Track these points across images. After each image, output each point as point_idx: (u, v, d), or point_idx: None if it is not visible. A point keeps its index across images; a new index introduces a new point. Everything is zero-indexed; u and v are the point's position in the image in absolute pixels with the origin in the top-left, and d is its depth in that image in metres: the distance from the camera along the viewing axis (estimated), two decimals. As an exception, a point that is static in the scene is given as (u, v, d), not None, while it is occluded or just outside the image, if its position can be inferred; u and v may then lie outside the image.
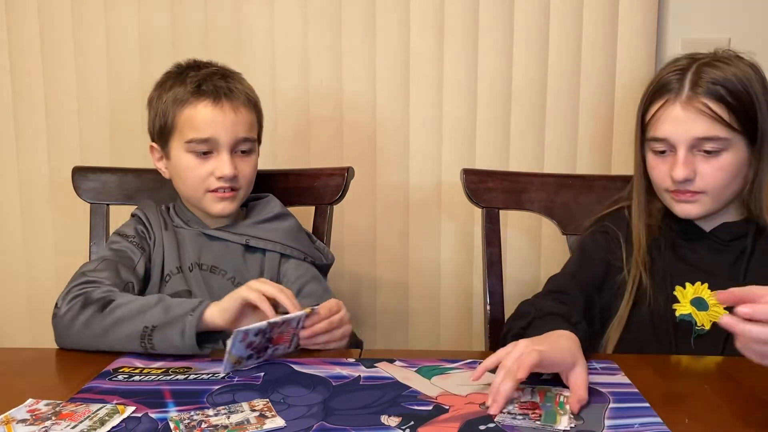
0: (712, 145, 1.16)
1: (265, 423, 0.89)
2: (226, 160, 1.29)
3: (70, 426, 0.88)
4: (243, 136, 1.31)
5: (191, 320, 1.07)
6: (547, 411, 0.91)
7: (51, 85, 1.78)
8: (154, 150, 1.37)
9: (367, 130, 1.76)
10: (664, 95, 1.19)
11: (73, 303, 1.14)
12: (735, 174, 1.19)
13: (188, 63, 1.36)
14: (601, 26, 1.70)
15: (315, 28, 1.73)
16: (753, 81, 1.17)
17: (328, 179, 1.48)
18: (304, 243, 1.39)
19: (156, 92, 1.35)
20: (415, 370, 1.06)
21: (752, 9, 1.71)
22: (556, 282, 1.25)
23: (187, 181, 1.31)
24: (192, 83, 1.30)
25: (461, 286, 1.81)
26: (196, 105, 1.28)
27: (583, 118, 1.74)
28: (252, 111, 1.34)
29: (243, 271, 1.34)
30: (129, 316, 1.10)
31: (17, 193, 1.83)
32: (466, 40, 1.72)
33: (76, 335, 1.12)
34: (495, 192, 1.47)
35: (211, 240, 1.35)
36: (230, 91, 1.30)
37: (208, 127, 1.28)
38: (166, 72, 1.36)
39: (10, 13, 1.76)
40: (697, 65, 1.18)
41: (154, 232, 1.34)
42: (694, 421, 0.90)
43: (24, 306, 1.85)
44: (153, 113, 1.34)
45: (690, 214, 1.22)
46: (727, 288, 1.19)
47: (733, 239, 1.23)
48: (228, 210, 1.32)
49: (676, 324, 1.21)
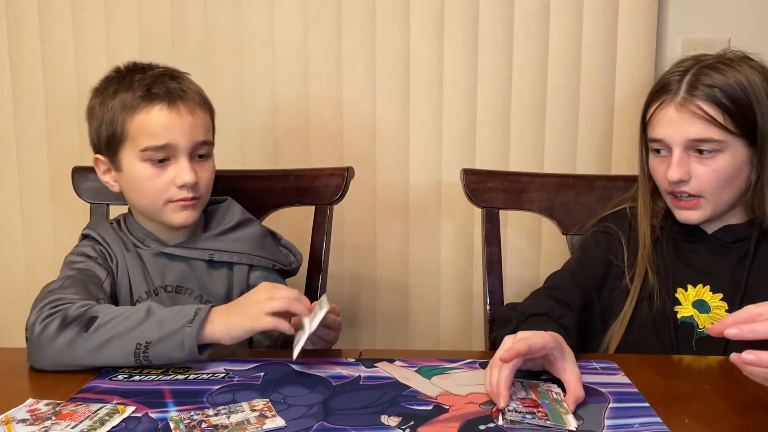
0: (706, 147, 1.16)
1: (265, 423, 0.89)
2: (186, 167, 1.20)
3: (70, 426, 0.88)
4: (201, 139, 1.23)
5: (190, 331, 1.02)
6: (550, 409, 0.91)
7: (51, 85, 1.78)
8: (100, 162, 1.27)
9: (367, 130, 1.76)
10: (662, 96, 1.19)
11: (47, 321, 1.06)
12: (732, 176, 1.18)
13: (128, 66, 1.27)
14: (601, 26, 1.70)
15: (315, 29, 1.73)
16: (756, 85, 1.16)
17: (328, 179, 1.48)
18: (270, 249, 1.33)
19: (97, 100, 1.25)
20: (415, 370, 1.06)
21: (752, 9, 1.71)
22: (554, 279, 1.26)
23: (144, 192, 1.22)
24: (141, 87, 1.20)
25: (461, 286, 1.81)
26: (149, 110, 1.19)
27: (583, 118, 1.74)
28: (206, 112, 1.27)
29: (209, 287, 1.28)
30: (118, 334, 1.03)
31: (17, 193, 1.83)
32: (466, 40, 1.72)
33: (55, 356, 1.05)
34: (495, 192, 1.47)
35: (172, 259, 1.27)
36: (183, 92, 1.22)
37: (164, 132, 1.19)
38: (105, 78, 1.28)
39: (10, 13, 1.76)
40: (698, 67, 1.18)
41: (116, 254, 1.26)
42: (694, 421, 0.90)
43: (24, 306, 1.83)
44: (96, 123, 1.24)
45: (691, 220, 1.22)
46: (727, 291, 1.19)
47: (735, 241, 1.23)
48: (190, 219, 1.24)
49: (678, 326, 1.21)
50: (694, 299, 1.22)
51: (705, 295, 1.21)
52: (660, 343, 1.20)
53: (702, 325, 1.20)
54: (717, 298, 1.20)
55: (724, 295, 1.20)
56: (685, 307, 1.21)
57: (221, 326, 1.04)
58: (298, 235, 1.51)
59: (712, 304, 1.20)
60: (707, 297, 1.21)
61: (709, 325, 1.18)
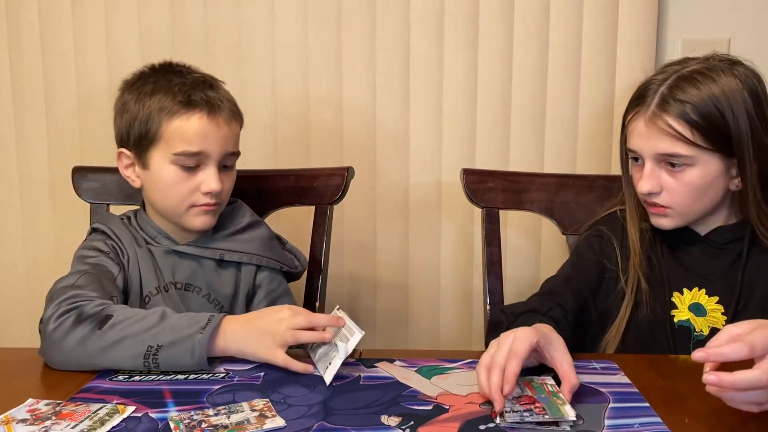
0: (677, 161, 1.15)
1: (265, 423, 0.89)
2: (214, 175, 1.23)
3: (70, 426, 0.88)
4: (231, 150, 1.27)
5: (201, 338, 1.03)
6: (547, 403, 0.92)
7: (51, 85, 1.78)
8: (124, 157, 1.28)
9: (367, 130, 1.76)
10: (637, 106, 1.19)
11: (63, 318, 1.06)
12: (704, 188, 1.17)
13: (164, 66, 1.30)
14: (601, 26, 1.70)
15: (315, 29, 1.73)
16: (732, 95, 1.13)
17: (328, 179, 1.48)
18: (277, 251, 1.36)
19: (131, 95, 1.26)
20: (415, 370, 1.06)
21: (752, 9, 1.71)
22: (549, 284, 1.26)
23: (169, 194, 1.25)
24: (181, 92, 1.23)
25: (461, 286, 1.81)
26: (188, 117, 1.22)
27: (583, 118, 1.74)
28: (239, 123, 1.30)
29: (217, 287, 1.30)
30: (131, 334, 1.04)
31: (17, 193, 1.83)
32: (466, 40, 1.72)
33: (67, 353, 1.05)
34: (495, 192, 1.47)
35: (183, 257, 1.29)
36: (221, 102, 1.25)
37: (200, 140, 1.22)
38: (140, 73, 1.29)
39: (10, 13, 1.76)
40: (675, 78, 1.16)
41: (127, 249, 1.27)
42: (694, 421, 0.90)
43: (24, 306, 1.85)
44: (129, 118, 1.26)
45: (663, 226, 1.21)
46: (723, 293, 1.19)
47: (728, 243, 1.22)
48: (209, 224, 1.27)
49: (675, 329, 1.21)
50: (690, 303, 1.21)
51: (701, 299, 1.21)
52: (658, 348, 1.20)
53: (699, 329, 1.20)
54: (713, 301, 1.20)
55: (720, 298, 1.20)
56: (682, 311, 1.21)
57: (233, 342, 1.05)
58: (298, 235, 1.51)
59: (708, 307, 1.20)
60: (703, 300, 1.21)
61: (705, 328, 1.19)
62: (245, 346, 1.06)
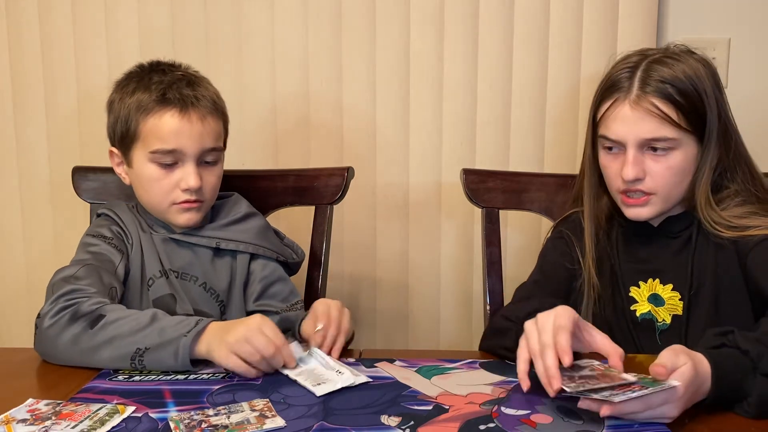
0: (661, 145, 1.16)
1: (265, 423, 0.89)
2: (192, 172, 1.23)
3: (70, 426, 0.88)
4: (209, 146, 1.26)
5: (185, 341, 1.04)
6: (645, 381, 0.89)
7: (51, 85, 1.78)
8: (114, 155, 1.31)
9: (367, 130, 1.76)
10: (614, 94, 1.18)
11: (60, 316, 1.08)
12: (685, 172, 1.18)
13: (152, 65, 1.31)
14: (601, 26, 1.70)
15: (315, 29, 1.72)
16: (702, 77, 1.16)
17: (328, 179, 1.48)
18: (273, 242, 1.36)
19: (117, 94, 1.29)
20: (415, 370, 1.06)
21: (752, 9, 1.71)
22: (522, 291, 1.26)
23: (151, 192, 1.26)
24: (157, 90, 1.24)
25: (461, 286, 1.81)
26: (161, 114, 1.23)
27: (583, 118, 1.72)
28: (218, 119, 1.29)
29: (212, 277, 1.31)
30: (121, 335, 1.05)
31: (17, 193, 1.82)
32: (466, 40, 1.72)
33: (60, 350, 1.08)
34: (495, 192, 1.47)
35: (180, 245, 1.30)
36: (197, 99, 1.25)
37: (173, 138, 1.22)
38: (128, 73, 1.31)
39: (10, 13, 1.76)
40: (647, 62, 1.17)
41: (131, 234, 1.29)
42: (694, 422, 0.90)
43: (24, 306, 1.85)
44: (113, 117, 1.28)
45: (641, 217, 1.21)
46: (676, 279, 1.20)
47: (680, 231, 1.23)
48: (193, 221, 1.28)
49: (638, 323, 1.22)
50: (649, 294, 1.23)
51: (657, 289, 1.23)
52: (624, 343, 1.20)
53: (661, 319, 1.21)
54: (668, 290, 1.22)
55: (674, 286, 1.22)
56: (642, 304, 1.23)
57: (206, 346, 1.05)
58: (298, 235, 1.51)
59: (665, 296, 1.22)
60: (659, 290, 1.22)
61: (668, 317, 1.21)
62: (213, 352, 1.05)
